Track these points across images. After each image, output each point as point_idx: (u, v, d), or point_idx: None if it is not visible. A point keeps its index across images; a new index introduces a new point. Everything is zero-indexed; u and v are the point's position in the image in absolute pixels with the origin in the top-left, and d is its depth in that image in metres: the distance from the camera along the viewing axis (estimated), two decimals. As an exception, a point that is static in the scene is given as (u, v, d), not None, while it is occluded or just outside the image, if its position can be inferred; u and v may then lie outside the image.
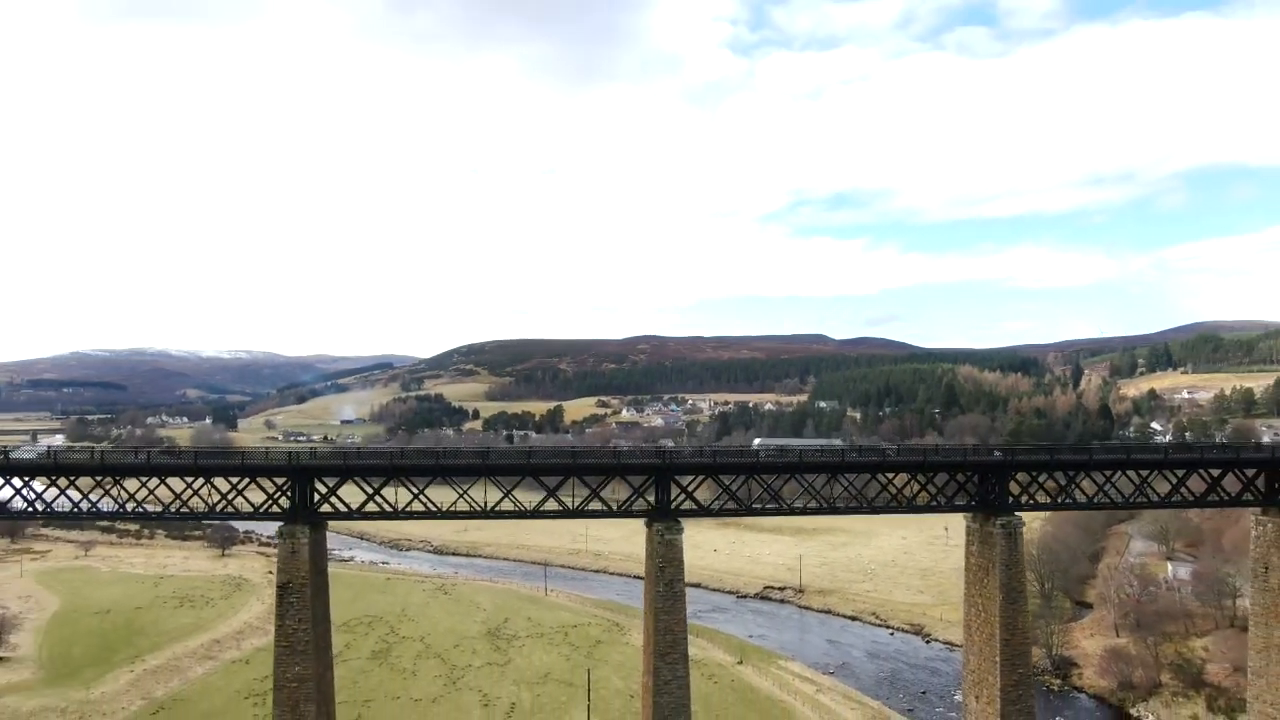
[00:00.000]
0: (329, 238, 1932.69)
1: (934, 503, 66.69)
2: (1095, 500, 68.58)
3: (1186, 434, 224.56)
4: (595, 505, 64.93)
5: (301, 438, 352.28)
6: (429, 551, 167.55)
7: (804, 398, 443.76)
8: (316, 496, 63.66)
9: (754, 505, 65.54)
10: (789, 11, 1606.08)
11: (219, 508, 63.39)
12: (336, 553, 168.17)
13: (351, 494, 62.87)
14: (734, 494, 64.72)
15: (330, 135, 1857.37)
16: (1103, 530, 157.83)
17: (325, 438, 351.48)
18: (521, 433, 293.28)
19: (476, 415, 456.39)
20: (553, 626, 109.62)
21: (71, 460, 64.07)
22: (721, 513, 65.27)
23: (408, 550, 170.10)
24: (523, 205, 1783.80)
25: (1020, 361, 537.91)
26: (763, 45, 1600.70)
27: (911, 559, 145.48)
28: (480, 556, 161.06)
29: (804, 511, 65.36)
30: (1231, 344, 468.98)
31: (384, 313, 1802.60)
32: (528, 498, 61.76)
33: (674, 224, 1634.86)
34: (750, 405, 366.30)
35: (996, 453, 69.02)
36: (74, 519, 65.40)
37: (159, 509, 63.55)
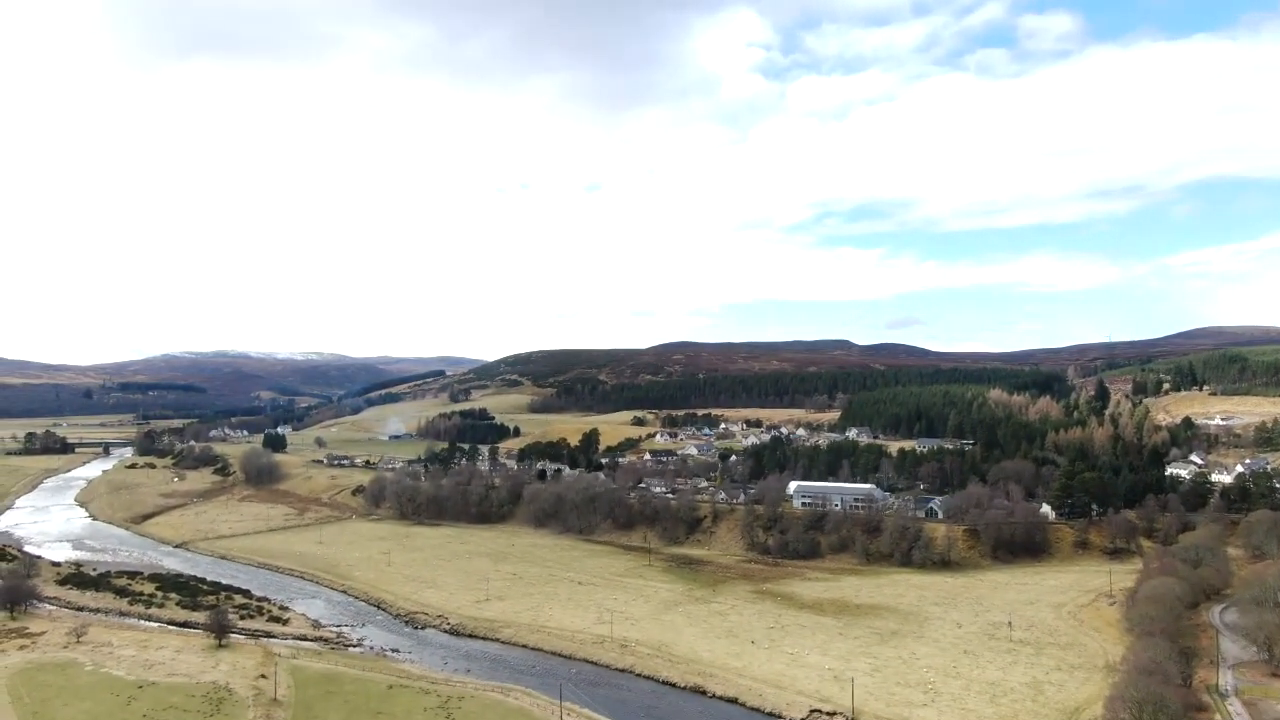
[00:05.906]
0: (393, 247, 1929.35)
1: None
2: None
3: (1250, 484, 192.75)
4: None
5: (345, 462, 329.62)
6: (445, 630, 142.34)
7: (833, 417, 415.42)
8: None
9: None
10: (819, 36, 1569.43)
11: None
12: (348, 630, 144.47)
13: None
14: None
15: (392, 154, 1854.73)
16: (1186, 613, 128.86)
17: (367, 461, 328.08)
18: (555, 467, 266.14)
19: (518, 432, 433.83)
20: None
21: None
22: None
23: (424, 627, 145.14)
24: (568, 217, 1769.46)
25: (1044, 378, 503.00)
26: (793, 69, 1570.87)
27: (975, 664, 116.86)
28: (498, 640, 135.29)
29: None
30: (1258, 364, 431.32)
31: (442, 316, 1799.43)
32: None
33: (707, 234, 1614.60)
34: (783, 433, 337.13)
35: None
36: None
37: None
